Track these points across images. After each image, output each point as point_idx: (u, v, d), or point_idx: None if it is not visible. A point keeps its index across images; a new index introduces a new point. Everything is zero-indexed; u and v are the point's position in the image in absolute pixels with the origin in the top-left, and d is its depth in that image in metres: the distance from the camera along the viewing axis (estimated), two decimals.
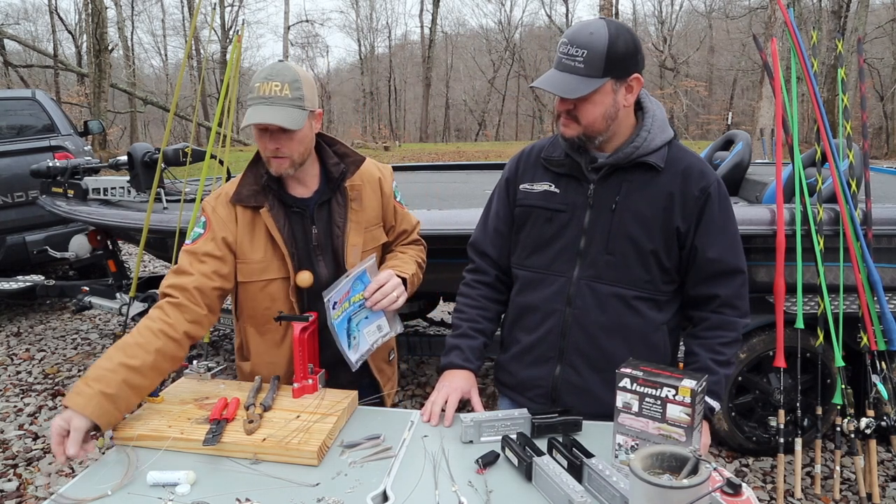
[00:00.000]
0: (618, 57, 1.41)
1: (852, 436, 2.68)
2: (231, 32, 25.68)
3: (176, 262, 1.68)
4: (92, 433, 1.40)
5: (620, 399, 1.24)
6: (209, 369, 1.72)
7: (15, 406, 3.77)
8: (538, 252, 1.61)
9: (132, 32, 29.86)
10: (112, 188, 3.80)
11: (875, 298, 2.72)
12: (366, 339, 1.62)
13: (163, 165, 3.41)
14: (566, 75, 1.42)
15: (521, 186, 1.65)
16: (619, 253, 1.52)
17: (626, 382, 1.23)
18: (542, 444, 1.34)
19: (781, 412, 2.77)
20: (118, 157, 3.87)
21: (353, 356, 1.60)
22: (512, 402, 1.70)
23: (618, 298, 1.54)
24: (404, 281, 1.68)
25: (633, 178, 1.52)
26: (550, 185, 1.60)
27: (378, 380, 1.82)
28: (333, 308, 1.55)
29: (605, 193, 1.53)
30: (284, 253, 1.65)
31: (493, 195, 1.76)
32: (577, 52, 1.41)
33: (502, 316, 1.76)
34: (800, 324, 2.76)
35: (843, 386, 2.72)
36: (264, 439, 1.36)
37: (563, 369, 1.59)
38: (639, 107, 1.56)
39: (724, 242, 1.52)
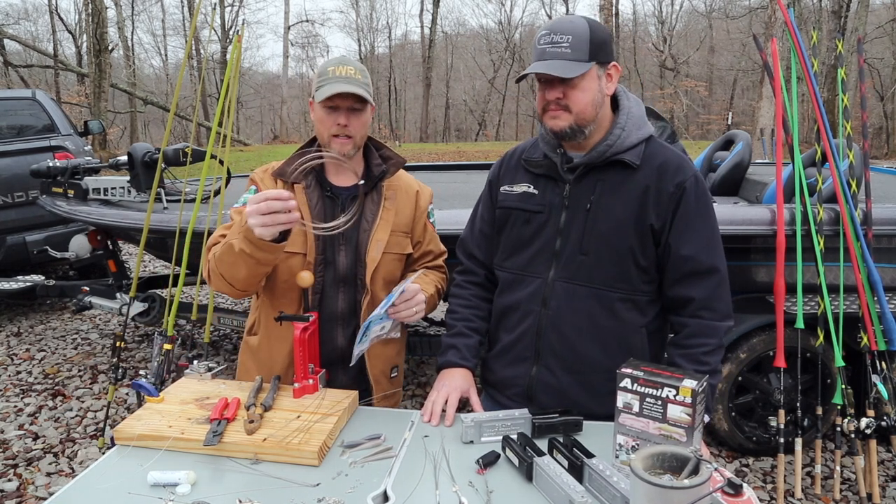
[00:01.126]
0: (600, 41, 1.43)
1: (852, 436, 2.68)
2: (231, 32, 25.66)
3: (177, 263, 1.69)
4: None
5: (621, 399, 1.24)
6: (209, 369, 1.72)
7: (15, 406, 3.77)
8: (517, 253, 1.62)
9: (132, 32, 29.84)
10: (112, 188, 3.80)
11: (875, 298, 2.72)
12: (369, 336, 1.63)
13: (163, 165, 3.41)
14: (554, 61, 1.42)
15: (501, 188, 1.66)
16: (594, 253, 1.51)
17: (626, 382, 1.23)
18: (542, 444, 1.34)
19: (781, 412, 2.77)
20: (118, 157, 3.87)
21: (356, 350, 1.61)
22: (492, 400, 1.71)
23: (593, 300, 1.53)
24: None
25: (608, 177, 1.51)
26: (529, 187, 1.60)
27: (373, 390, 1.82)
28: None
29: (580, 193, 1.53)
30: (309, 230, 1.69)
31: (480, 196, 1.77)
32: (561, 38, 1.42)
33: None
34: (800, 324, 2.76)
35: (844, 386, 2.72)
36: (265, 439, 1.36)
37: (539, 370, 1.59)
38: (616, 106, 1.55)
39: (698, 240, 1.49)
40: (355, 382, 1.74)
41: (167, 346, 2.91)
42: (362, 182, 1.75)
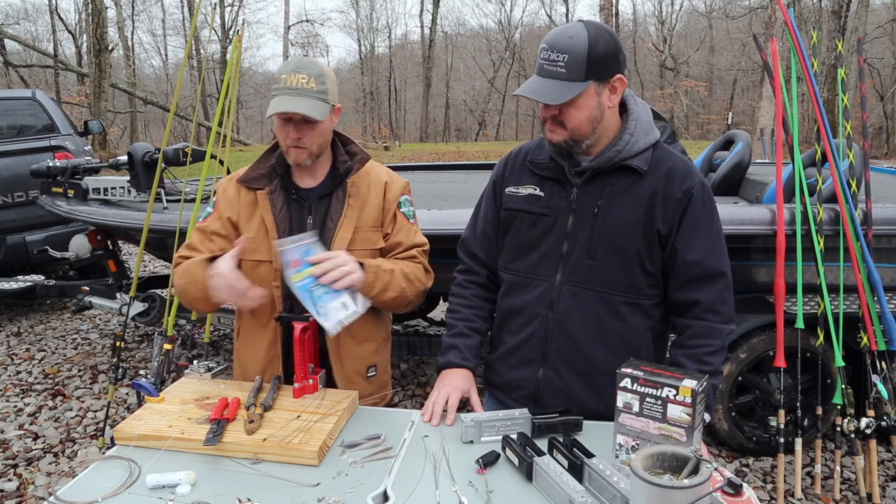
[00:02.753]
0: (599, 59, 1.40)
1: (852, 436, 2.68)
2: (231, 32, 25.66)
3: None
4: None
5: (621, 399, 1.24)
6: (209, 369, 1.73)
7: (15, 406, 3.77)
8: (522, 256, 1.62)
9: (132, 32, 29.87)
10: (112, 188, 3.80)
11: (875, 298, 2.72)
12: (333, 313, 1.56)
13: (163, 165, 3.41)
14: (549, 81, 1.42)
15: (507, 189, 1.65)
16: (601, 257, 1.52)
17: (626, 382, 1.23)
18: (542, 444, 1.34)
19: (781, 412, 2.77)
20: (118, 157, 3.87)
21: (326, 323, 1.54)
22: (497, 402, 1.70)
23: (600, 303, 1.53)
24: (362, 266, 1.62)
25: (616, 181, 1.51)
26: (535, 189, 1.60)
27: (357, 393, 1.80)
28: (289, 268, 1.55)
29: (587, 198, 1.53)
30: (275, 236, 1.68)
31: (482, 196, 1.76)
32: (557, 56, 1.40)
33: (494, 315, 1.76)
34: (800, 324, 2.76)
35: (843, 386, 2.72)
36: (265, 439, 1.36)
37: (546, 372, 1.59)
38: (624, 109, 1.55)
39: (705, 245, 1.50)
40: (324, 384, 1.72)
41: (167, 346, 2.91)
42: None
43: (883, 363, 2.72)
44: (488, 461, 1.32)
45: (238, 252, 1.57)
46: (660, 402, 1.19)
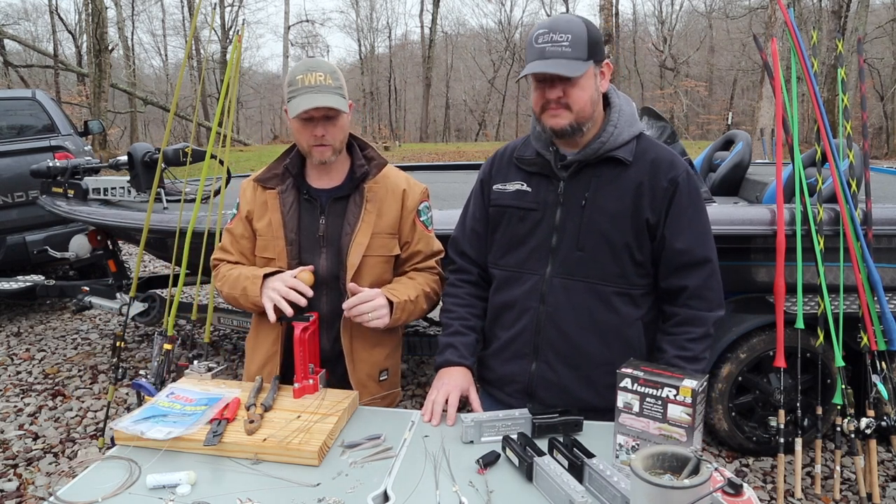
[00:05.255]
0: (595, 40, 1.45)
1: (852, 436, 2.68)
2: (231, 32, 25.69)
3: (177, 263, 1.71)
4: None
5: (621, 399, 1.24)
6: (209, 369, 1.72)
7: (15, 406, 3.77)
8: (512, 251, 1.63)
9: (132, 32, 29.85)
10: (112, 188, 3.80)
11: (875, 298, 2.72)
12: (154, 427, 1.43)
13: (163, 165, 3.40)
14: (555, 60, 1.43)
15: (494, 187, 1.67)
16: (590, 249, 1.53)
17: (626, 383, 1.23)
18: (542, 444, 1.34)
19: (781, 412, 2.77)
20: (118, 157, 3.86)
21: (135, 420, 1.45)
22: (492, 398, 1.71)
23: (590, 294, 1.55)
24: (392, 305, 1.68)
25: (602, 173, 1.53)
26: (523, 185, 1.61)
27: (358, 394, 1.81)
28: (166, 396, 1.54)
29: (574, 190, 1.54)
30: (280, 236, 1.72)
31: (469, 195, 1.77)
32: (561, 37, 1.42)
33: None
34: (800, 324, 2.76)
35: (843, 386, 2.72)
36: (265, 439, 1.37)
37: (539, 366, 1.60)
38: (607, 103, 1.57)
39: (692, 233, 1.53)
40: (339, 386, 1.74)
41: (167, 346, 2.91)
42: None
43: (883, 363, 2.72)
44: (488, 461, 1.32)
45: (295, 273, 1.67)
46: (660, 403, 1.19)
